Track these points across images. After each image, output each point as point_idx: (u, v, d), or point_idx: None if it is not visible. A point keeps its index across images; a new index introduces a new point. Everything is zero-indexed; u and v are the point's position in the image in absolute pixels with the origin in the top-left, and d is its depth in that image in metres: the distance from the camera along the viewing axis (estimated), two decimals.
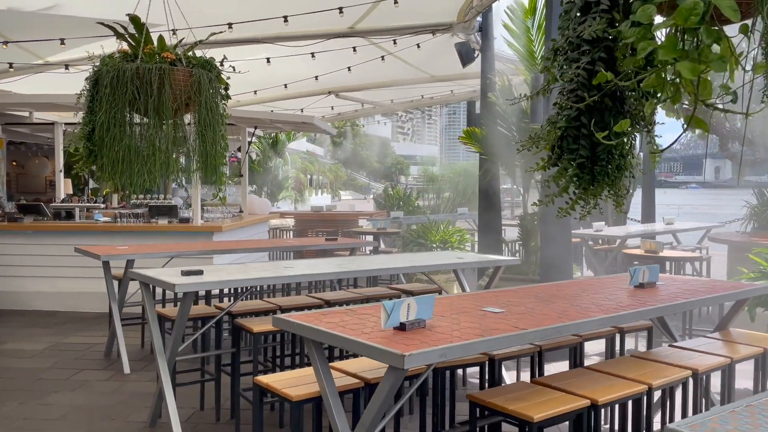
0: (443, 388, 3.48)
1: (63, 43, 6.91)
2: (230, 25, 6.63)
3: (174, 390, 4.01)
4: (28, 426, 4.15)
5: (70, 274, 7.60)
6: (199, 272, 4.04)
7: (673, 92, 1.63)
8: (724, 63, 1.46)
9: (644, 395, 2.96)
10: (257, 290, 6.33)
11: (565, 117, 1.91)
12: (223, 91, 4.30)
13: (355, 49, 8.17)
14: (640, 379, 2.99)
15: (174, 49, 4.14)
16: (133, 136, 4.01)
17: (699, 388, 3.30)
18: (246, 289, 5.31)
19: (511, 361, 4.04)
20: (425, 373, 2.72)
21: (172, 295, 5.88)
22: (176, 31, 4.55)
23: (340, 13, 6.57)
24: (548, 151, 2.04)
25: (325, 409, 2.65)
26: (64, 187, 9.40)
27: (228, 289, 5.48)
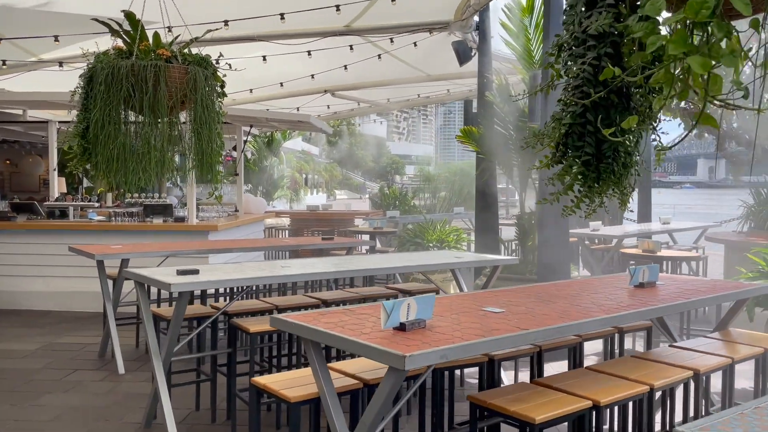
0: (442, 389, 3.45)
1: (57, 40, 6.85)
2: (226, 23, 6.59)
3: (169, 390, 3.98)
4: (21, 428, 4.10)
5: (64, 274, 7.54)
6: (195, 272, 4.00)
7: (681, 88, 1.60)
8: (735, 58, 1.43)
9: (646, 396, 2.93)
10: (253, 290, 6.28)
11: (570, 114, 1.87)
12: (219, 89, 4.26)
13: (351, 48, 8.13)
14: (642, 379, 2.96)
15: (170, 46, 4.10)
16: (128, 134, 3.97)
17: (700, 389, 3.27)
18: (242, 288, 5.26)
19: (509, 361, 4.00)
20: (425, 374, 2.69)
21: (166, 294, 5.84)
22: (172, 29, 4.51)
23: (337, 10, 6.53)
24: (552, 149, 2.01)
25: (324, 411, 2.62)
26: (57, 186, 9.32)
27: (224, 288, 5.44)
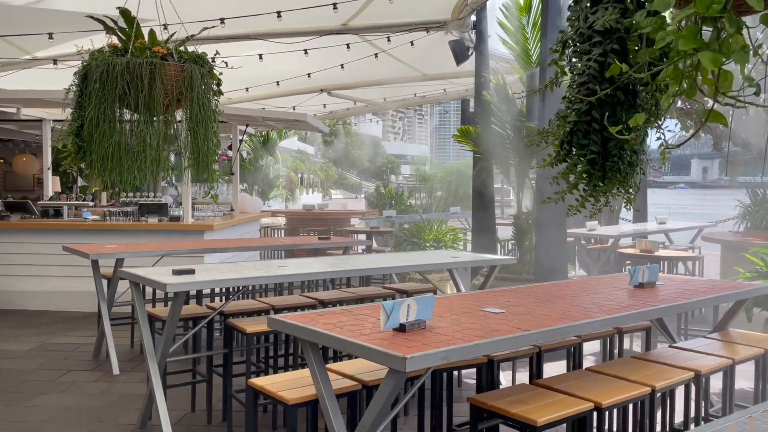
0: (441, 390, 3.42)
1: (51, 38, 6.80)
2: (222, 21, 6.54)
3: (165, 391, 3.94)
4: (15, 429, 4.05)
5: (59, 273, 7.48)
6: (191, 272, 3.96)
7: (688, 86, 1.57)
8: (746, 54, 1.40)
9: (647, 398, 2.90)
10: (249, 290, 6.24)
11: (576, 111, 1.83)
12: (216, 87, 4.22)
13: (348, 46, 8.10)
14: (644, 381, 2.93)
15: (165, 43, 4.05)
16: (123, 133, 3.93)
17: (701, 390, 3.25)
18: (238, 288, 5.22)
19: (507, 362, 3.97)
20: (425, 376, 2.66)
21: (161, 294, 5.79)
22: (167, 26, 4.46)
23: (335, 9, 6.50)
24: (556, 147, 1.97)
25: (322, 413, 2.58)
26: (52, 185, 9.24)
27: (219, 288, 5.40)
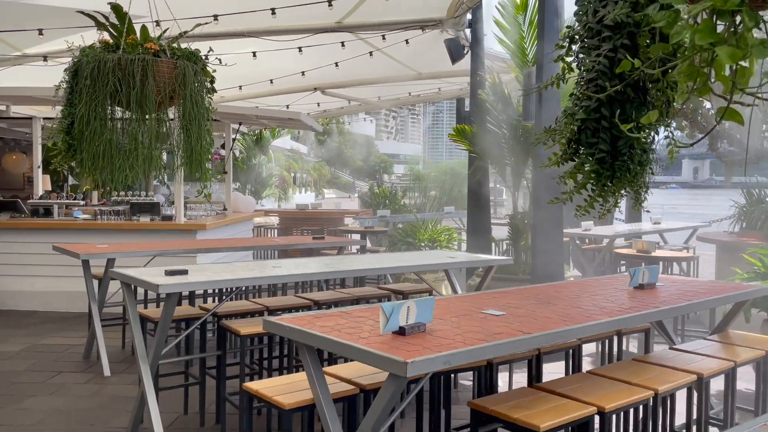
0: (439, 393, 3.36)
1: (41, 34, 6.70)
2: (216, 17, 6.45)
3: (156, 394, 3.86)
4: None
5: (49, 273, 7.38)
6: (184, 272, 3.89)
7: (702, 82, 1.52)
8: (765, 48, 1.35)
9: (650, 401, 2.86)
10: (242, 290, 6.16)
11: (584, 108, 1.77)
12: (209, 84, 4.14)
13: (343, 45, 8.03)
14: (646, 384, 2.88)
15: (158, 40, 3.97)
16: (115, 130, 3.85)
17: (702, 393, 3.20)
18: (232, 289, 5.15)
19: (504, 364, 3.92)
20: (424, 380, 2.60)
21: (154, 295, 5.71)
22: (160, 23, 4.38)
23: (329, 6, 6.43)
24: (563, 146, 1.91)
25: (319, 417, 2.52)
26: (42, 184, 9.13)
27: (213, 289, 5.32)
